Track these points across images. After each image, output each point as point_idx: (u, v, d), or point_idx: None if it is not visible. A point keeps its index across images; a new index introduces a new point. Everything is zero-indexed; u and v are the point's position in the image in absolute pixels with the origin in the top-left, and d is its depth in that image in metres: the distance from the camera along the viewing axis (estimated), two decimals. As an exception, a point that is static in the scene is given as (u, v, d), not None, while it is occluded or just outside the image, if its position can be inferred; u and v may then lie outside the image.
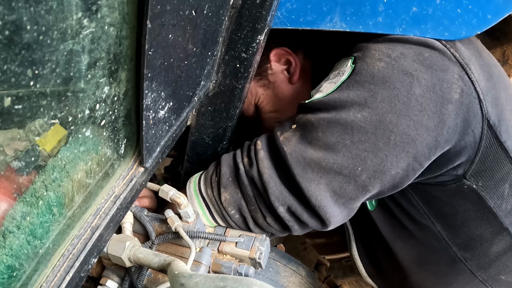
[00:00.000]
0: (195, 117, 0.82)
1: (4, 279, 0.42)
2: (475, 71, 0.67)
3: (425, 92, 0.64)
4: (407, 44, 0.67)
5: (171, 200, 0.73)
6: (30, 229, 0.44)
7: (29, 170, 0.41)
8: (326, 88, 0.70)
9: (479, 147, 0.70)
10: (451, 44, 0.68)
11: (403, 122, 0.64)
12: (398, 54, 0.66)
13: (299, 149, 0.67)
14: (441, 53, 0.66)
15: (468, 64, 0.67)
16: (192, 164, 0.93)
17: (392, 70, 0.65)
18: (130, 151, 0.61)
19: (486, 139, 0.69)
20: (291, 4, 0.72)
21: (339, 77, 0.69)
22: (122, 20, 0.43)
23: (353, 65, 0.68)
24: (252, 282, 0.45)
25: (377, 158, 0.65)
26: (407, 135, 0.65)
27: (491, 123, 0.69)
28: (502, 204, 0.77)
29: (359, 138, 0.65)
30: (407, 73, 0.65)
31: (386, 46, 0.67)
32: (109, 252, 0.67)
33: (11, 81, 0.32)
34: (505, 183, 0.75)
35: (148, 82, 0.49)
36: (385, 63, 0.65)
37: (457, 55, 0.67)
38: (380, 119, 0.64)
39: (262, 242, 0.77)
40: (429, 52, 0.66)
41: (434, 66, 0.65)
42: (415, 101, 0.64)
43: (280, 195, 0.69)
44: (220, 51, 0.70)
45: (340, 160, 0.66)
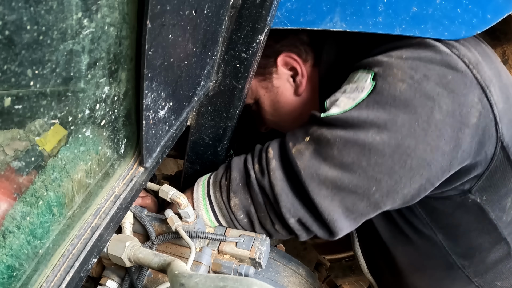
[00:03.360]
0: (195, 117, 0.82)
1: (4, 279, 0.42)
2: (495, 93, 0.67)
3: (445, 117, 0.64)
4: (431, 64, 0.65)
5: (171, 200, 0.73)
6: (30, 229, 0.44)
7: (29, 170, 0.41)
8: (344, 104, 0.68)
9: (489, 166, 0.70)
10: (474, 63, 0.66)
11: (421, 147, 0.64)
12: (421, 76, 0.64)
13: (313, 165, 0.67)
14: (464, 75, 0.65)
15: (488, 86, 0.66)
16: (192, 164, 0.93)
17: (415, 93, 0.64)
18: (130, 151, 0.61)
19: (497, 159, 0.70)
20: (291, 4, 0.72)
21: (358, 93, 0.67)
22: (122, 20, 0.43)
23: (373, 81, 0.66)
24: (252, 282, 0.45)
25: (392, 180, 0.66)
26: (423, 159, 0.65)
27: (505, 144, 0.69)
28: (503, 216, 0.78)
29: (375, 161, 0.65)
30: (429, 97, 0.64)
31: (409, 66, 0.65)
32: (109, 252, 0.67)
33: (11, 81, 0.32)
34: (509, 197, 0.75)
35: (148, 82, 0.49)
36: (407, 85, 0.64)
37: (478, 76, 0.66)
38: (398, 144, 0.64)
39: (262, 242, 0.77)
40: (452, 74, 0.65)
41: (456, 90, 0.64)
42: (434, 127, 0.64)
43: (291, 207, 0.70)
44: (220, 51, 0.70)
45: (356, 181, 0.66)
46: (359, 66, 0.71)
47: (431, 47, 0.67)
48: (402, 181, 0.66)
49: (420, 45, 0.67)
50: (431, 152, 0.65)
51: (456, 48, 0.67)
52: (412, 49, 0.68)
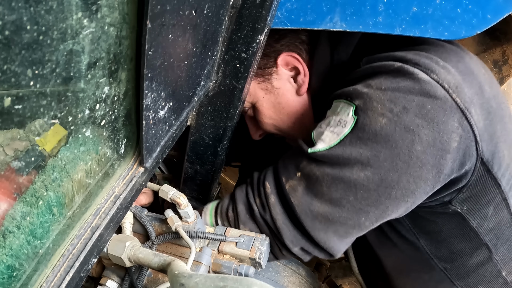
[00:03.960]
0: (195, 117, 0.82)
1: (4, 279, 0.42)
2: (475, 113, 0.68)
3: (426, 148, 0.66)
4: (410, 95, 0.66)
5: (171, 200, 0.73)
6: (30, 229, 0.44)
7: (29, 170, 0.41)
8: (329, 139, 0.71)
9: (469, 180, 0.73)
10: (453, 87, 0.66)
11: (404, 179, 0.68)
12: (401, 109, 0.66)
13: (306, 202, 0.73)
14: (443, 101, 0.66)
15: (468, 108, 0.67)
16: (192, 164, 0.93)
17: (395, 127, 0.66)
18: (130, 151, 0.61)
19: (478, 173, 0.72)
20: (291, 4, 0.72)
21: (341, 128, 0.70)
22: (122, 20, 0.43)
23: (355, 116, 0.68)
24: (252, 282, 0.45)
25: (379, 210, 0.71)
26: (407, 189, 0.69)
27: (485, 160, 0.71)
28: (484, 224, 0.80)
29: (362, 195, 0.69)
30: (409, 130, 0.66)
31: (389, 98, 0.66)
32: (109, 252, 0.67)
33: (11, 81, 0.32)
34: (490, 205, 0.77)
35: (148, 82, 0.49)
36: (387, 119, 0.66)
37: (458, 100, 0.66)
38: (382, 178, 0.68)
39: (262, 242, 0.77)
40: (431, 103, 0.65)
41: (435, 119, 0.65)
42: (415, 158, 0.66)
43: (293, 239, 0.77)
44: (220, 51, 0.70)
45: (345, 214, 0.71)
46: (341, 95, 0.73)
47: (410, 74, 0.67)
48: (388, 209, 0.71)
49: (399, 73, 0.68)
50: (414, 182, 0.68)
51: (435, 72, 0.67)
52: (391, 77, 0.68)
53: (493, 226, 0.80)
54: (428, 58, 0.69)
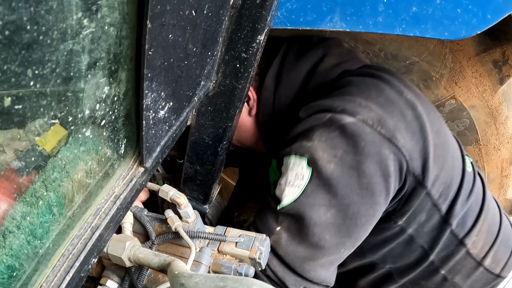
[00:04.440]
0: (195, 117, 0.82)
1: (4, 279, 0.42)
2: (401, 137, 0.80)
3: (371, 178, 0.78)
4: (345, 139, 0.78)
5: (171, 200, 0.73)
6: (30, 229, 0.44)
7: (29, 170, 0.41)
8: (292, 193, 0.81)
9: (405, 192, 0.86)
10: (377, 121, 0.78)
11: (363, 208, 0.80)
12: (342, 153, 0.78)
13: (291, 251, 0.82)
14: (372, 136, 0.78)
15: (394, 135, 0.79)
16: (192, 164, 0.93)
17: (341, 169, 0.78)
18: (130, 151, 0.61)
19: (410, 186, 0.85)
20: (291, 4, 0.72)
21: (300, 180, 0.81)
22: (122, 20, 0.43)
23: (309, 167, 0.79)
24: (252, 282, 0.45)
25: (353, 238, 0.83)
26: (369, 214, 0.81)
27: (416, 174, 0.83)
28: (418, 229, 0.93)
29: (335, 231, 0.80)
30: (353, 168, 0.78)
31: (330, 146, 0.78)
32: (109, 252, 0.67)
33: (11, 81, 0.32)
34: (423, 212, 0.89)
35: (148, 82, 0.49)
36: (334, 164, 0.78)
37: (383, 131, 0.78)
38: (345, 213, 0.79)
39: (262, 242, 0.77)
40: (363, 141, 0.77)
41: (370, 152, 0.77)
42: (365, 189, 0.79)
43: (295, 282, 0.85)
44: (220, 51, 0.70)
45: (327, 251, 0.82)
46: (290, 152, 0.83)
47: (339, 122, 0.78)
48: (360, 235, 0.83)
49: (332, 123, 0.79)
50: (372, 208, 0.81)
51: (360, 113, 0.79)
52: (327, 128, 0.79)
53: (426, 230, 0.93)
54: (351, 101, 0.81)
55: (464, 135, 1.30)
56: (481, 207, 0.96)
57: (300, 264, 0.82)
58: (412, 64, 1.18)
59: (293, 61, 0.99)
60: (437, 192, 0.87)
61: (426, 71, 1.19)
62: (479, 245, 0.96)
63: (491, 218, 0.99)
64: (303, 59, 0.98)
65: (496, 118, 1.24)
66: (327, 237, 0.80)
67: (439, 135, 0.87)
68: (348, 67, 0.98)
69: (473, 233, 0.94)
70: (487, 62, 1.16)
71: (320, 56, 0.98)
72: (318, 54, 0.99)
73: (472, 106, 1.22)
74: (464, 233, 0.94)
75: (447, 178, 0.88)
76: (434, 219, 0.91)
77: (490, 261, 0.98)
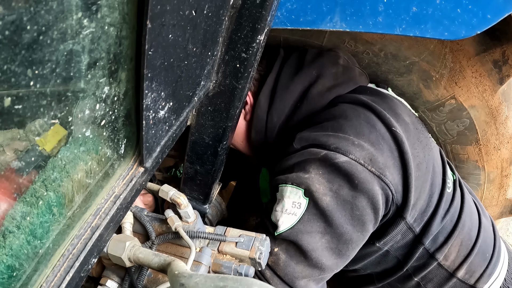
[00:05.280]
0: (195, 117, 0.82)
1: (4, 279, 0.42)
2: (389, 173, 0.87)
3: (363, 211, 0.86)
4: (341, 175, 0.84)
5: (171, 200, 0.73)
6: (30, 229, 0.44)
7: (29, 170, 0.41)
8: (288, 220, 0.86)
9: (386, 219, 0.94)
10: (368, 160, 0.85)
11: (354, 235, 0.87)
12: (337, 187, 0.85)
13: (289, 271, 0.87)
14: (364, 174, 0.84)
15: (383, 172, 0.86)
16: (192, 164, 0.93)
17: (336, 202, 0.85)
18: (130, 151, 0.61)
19: (391, 213, 0.93)
20: (291, 4, 0.72)
21: (297, 208, 0.86)
22: (122, 20, 0.43)
23: (306, 197, 0.85)
24: (252, 282, 0.45)
25: (344, 259, 0.90)
26: (359, 240, 0.89)
27: (398, 205, 0.91)
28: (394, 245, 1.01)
29: (329, 254, 0.88)
30: (347, 202, 0.85)
31: (327, 179, 0.85)
32: (109, 252, 0.67)
33: (11, 81, 0.32)
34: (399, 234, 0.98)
35: (148, 82, 0.49)
36: (330, 197, 0.85)
37: (373, 170, 0.85)
38: (339, 239, 0.87)
39: (262, 242, 0.77)
40: (356, 178, 0.84)
41: (363, 189, 0.84)
42: (357, 220, 0.86)
43: None
44: (220, 51, 0.70)
45: (323, 271, 0.89)
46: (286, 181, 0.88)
47: (333, 160, 0.84)
48: (350, 256, 0.91)
49: (326, 160, 0.85)
50: (362, 235, 0.89)
51: (352, 153, 0.85)
52: (323, 163, 0.85)
53: (401, 246, 1.01)
54: (345, 139, 0.87)
55: (464, 135, 1.30)
56: (455, 224, 1.03)
57: (299, 281, 0.88)
58: (412, 64, 1.18)
59: (287, 79, 1.02)
60: (412, 218, 0.95)
61: (426, 71, 1.19)
62: (451, 257, 1.04)
63: (466, 233, 1.05)
64: (296, 79, 1.02)
65: (496, 118, 1.24)
66: (323, 260, 0.87)
67: (420, 167, 0.94)
68: (341, 92, 1.02)
69: (444, 248, 1.02)
70: (487, 62, 1.16)
71: (314, 77, 1.02)
72: (312, 75, 1.02)
73: (472, 106, 1.22)
74: (435, 248, 1.02)
75: (422, 205, 0.97)
76: (408, 238, 0.99)
77: (464, 273, 1.05)
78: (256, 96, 1.06)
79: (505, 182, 1.38)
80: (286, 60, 1.06)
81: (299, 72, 1.02)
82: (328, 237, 0.87)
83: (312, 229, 0.86)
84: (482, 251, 1.07)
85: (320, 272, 0.89)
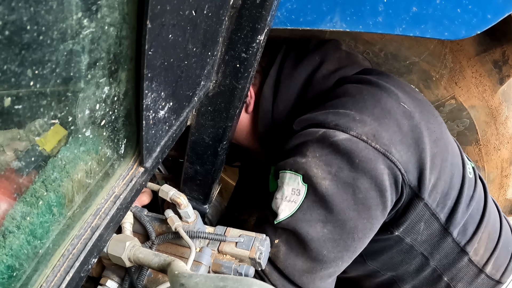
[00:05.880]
0: (195, 117, 0.82)
1: (4, 279, 0.42)
2: (396, 150, 0.79)
3: (366, 193, 0.78)
4: (339, 155, 0.77)
5: (171, 200, 0.73)
6: (30, 229, 0.44)
7: (29, 170, 0.41)
8: (288, 208, 0.81)
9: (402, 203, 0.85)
10: (371, 136, 0.78)
11: (359, 222, 0.80)
12: (336, 169, 0.78)
13: (290, 264, 0.82)
14: (366, 152, 0.77)
15: (388, 149, 0.78)
16: (192, 164, 0.93)
17: (336, 185, 0.78)
18: (130, 151, 0.61)
19: (407, 197, 0.84)
20: (291, 4, 0.72)
21: (296, 196, 0.81)
22: (122, 20, 0.43)
23: (304, 184, 0.80)
24: (252, 282, 0.45)
25: (350, 251, 0.83)
26: (366, 228, 0.81)
27: (412, 186, 0.83)
28: (417, 238, 0.92)
29: (332, 246, 0.81)
30: (348, 184, 0.78)
31: (325, 162, 0.78)
32: (109, 252, 0.67)
33: (11, 81, 0.32)
34: (421, 222, 0.89)
35: (148, 82, 0.49)
36: (329, 181, 0.78)
37: (378, 146, 0.77)
38: (342, 228, 0.80)
39: (262, 242, 0.77)
40: (357, 157, 0.77)
41: (365, 168, 0.77)
42: (361, 204, 0.78)
43: None
44: (220, 51, 0.70)
45: (325, 264, 0.82)
46: (285, 167, 0.83)
47: (332, 138, 0.78)
48: (357, 248, 0.83)
49: (324, 140, 0.78)
50: (369, 222, 0.80)
51: (353, 129, 0.78)
52: (320, 144, 0.79)
53: (426, 238, 0.92)
54: (345, 116, 0.80)
55: (464, 135, 1.30)
56: (483, 214, 0.95)
57: (299, 277, 0.83)
58: (412, 64, 1.18)
59: (291, 69, 0.98)
60: (434, 201, 0.86)
61: (426, 71, 1.19)
62: (481, 252, 0.96)
63: (492, 224, 0.98)
64: (300, 66, 0.97)
65: (496, 118, 1.24)
66: (324, 252, 0.80)
67: (438, 143, 0.86)
68: (345, 73, 0.96)
69: (474, 241, 0.93)
70: (487, 62, 1.16)
71: (318, 63, 0.98)
72: (315, 61, 0.98)
73: (472, 106, 1.22)
74: (466, 241, 0.93)
75: (444, 187, 0.87)
76: (433, 228, 0.90)
77: (491, 268, 0.98)
78: (260, 88, 1.01)
79: (505, 182, 1.38)
80: (288, 52, 1.02)
81: (303, 60, 0.98)
82: (330, 227, 0.80)
83: (312, 217, 0.79)
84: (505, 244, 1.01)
85: (322, 265, 0.82)
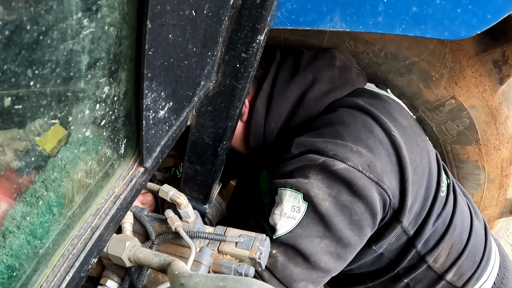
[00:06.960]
0: (195, 117, 0.82)
1: (4, 279, 0.42)
2: (387, 179, 0.88)
3: (361, 216, 0.87)
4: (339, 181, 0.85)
5: (171, 200, 0.73)
6: (30, 229, 0.44)
7: (29, 170, 0.41)
8: (287, 224, 0.87)
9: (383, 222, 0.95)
10: (366, 167, 0.86)
11: (353, 239, 0.88)
12: (336, 192, 0.85)
13: (287, 274, 0.87)
14: (362, 181, 0.84)
15: (381, 178, 0.87)
16: (192, 164, 0.93)
17: (335, 207, 0.85)
18: (130, 151, 0.61)
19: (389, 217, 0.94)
20: (291, 4, 0.72)
21: (296, 212, 0.87)
22: (122, 20, 0.43)
23: (305, 202, 0.86)
24: (252, 282, 0.45)
25: (342, 262, 0.91)
26: (357, 243, 0.90)
27: (395, 209, 0.92)
28: (388, 248, 1.03)
29: (328, 258, 0.88)
30: (346, 207, 0.86)
31: (326, 185, 0.85)
32: (109, 252, 0.67)
33: (11, 81, 0.32)
34: (393, 236, 0.99)
35: (148, 82, 0.49)
36: (329, 202, 0.85)
37: (372, 176, 0.86)
38: (338, 243, 0.87)
39: (262, 242, 0.77)
40: (355, 185, 0.84)
41: (362, 194, 0.85)
42: (355, 224, 0.87)
43: None
44: (220, 51, 0.70)
45: (321, 274, 0.90)
46: (285, 185, 0.88)
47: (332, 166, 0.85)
48: (349, 258, 0.92)
49: (325, 167, 0.85)
50: (360, 238, 0.90)
51: (351, 159, 0.85)
52: (322, 169, 0.86)
53: (395, 248, 1.03)
54: (343, 146, 0.87)
55: (464, 135, 1.30)
56: (447, 228, 1.04)
57: (296, 283, 0.89)
58: (412, 64, 1.18)
59: (283, 84, 1.02)
60: (407, 221, 0.96)
61: (426, 71, 1.19)
62: (440, 260, 1.06)
63: (457, 237, 1.06)
64: (292, 84, 1.01)
65: (496, 118, 1.24)
66: (322, 263, 0.87)
67: (416, 171, 0.95)
68: (337, 96, 1.02)
69: (435, 252, 1.04)
70: (487, 62, 1.16)
71: (310, 82, 1.01)
72: (308, 79, 1.01)
73: (472, 106, 1.22)
74: (426, 251, 1.04)
75: (417, 208, 0.98)
76: (402, 241, 1.01)
77: (452, 275, 1.07)
78: (253, 101, 1.06)
79: (505, 182, 1.38)
80: (282, 64, 1.05)
81: (295, 77, 1.01)
82: (327, 241, 0.87)
83: (311, 233, 0.86)
84: (472, 254, 1.08)
85: (318, 275, 0.89)
